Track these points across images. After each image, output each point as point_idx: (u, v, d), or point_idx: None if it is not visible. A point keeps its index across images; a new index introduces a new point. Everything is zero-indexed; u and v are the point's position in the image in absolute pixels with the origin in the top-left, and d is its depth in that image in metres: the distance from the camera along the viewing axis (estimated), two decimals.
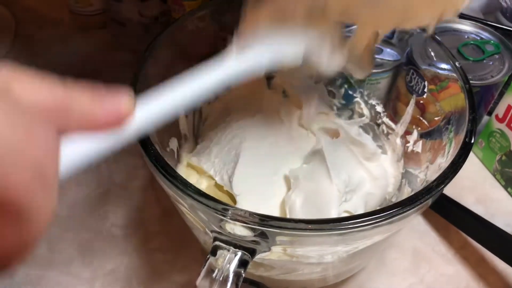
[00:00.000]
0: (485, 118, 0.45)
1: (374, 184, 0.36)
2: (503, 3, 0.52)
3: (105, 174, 0.44)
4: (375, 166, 0.37)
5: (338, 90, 0.42)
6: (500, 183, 0.44)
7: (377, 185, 0.36)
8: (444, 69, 0.32)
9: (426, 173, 0.31)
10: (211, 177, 0.36)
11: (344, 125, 0.39)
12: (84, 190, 0.42)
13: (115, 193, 0.42)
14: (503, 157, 0.42)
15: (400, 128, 0.38)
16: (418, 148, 0.35)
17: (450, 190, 0.39)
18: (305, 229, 0.22)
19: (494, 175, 0.44)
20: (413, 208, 0.23)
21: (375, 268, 0.38)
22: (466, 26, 0.44)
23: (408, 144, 0.36)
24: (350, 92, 0.41)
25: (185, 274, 0.37)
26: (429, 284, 0.37)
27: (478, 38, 0.43)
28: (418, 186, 0.32)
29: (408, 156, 0.36)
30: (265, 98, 0.41)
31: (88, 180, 0.43)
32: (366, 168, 0.36)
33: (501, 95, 0.42)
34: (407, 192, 0.34)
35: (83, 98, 0.17)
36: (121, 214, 0.41)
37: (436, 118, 0.33)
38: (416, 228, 0.40)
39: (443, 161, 0.28)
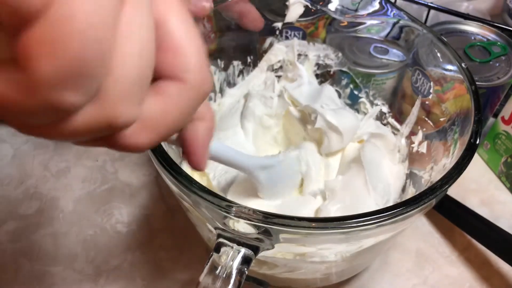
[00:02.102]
0: (491, 120, 0.45)
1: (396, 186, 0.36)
2: (510, 5, 0.52)
3: (110, 171, 0.44)
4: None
5: (344, 90, 0.42)
6: (505, 185, 0.43)
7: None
8: (450, 70, 0.32)
9: (430, 174, 0.31)
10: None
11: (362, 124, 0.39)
12: (89, 187, 0.43)
13: (119, 190, 0.43)
14: (509, 159, 0.42)
15: (405, 129, 0.38)
16: (423, 149, 0.35)
17: (455, 191, 0.39)
18: (309, 227, 0.22)
19: (499, 177, 0.44)
20: (417, 208, 0.23)
21: (379, 268, 0.38)
22: (472, 28, 0.44)
23: (413, 145, 0.36)
24: (356, 92, 0.41)
25: (188, 271, 0.37)
26: (433, 285, 0.37)
27: (485, 40, 0.43)
28: (423, 186, 0.32)
29: (413, 157, 0.36)
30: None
31: (93, 177, 0.43)
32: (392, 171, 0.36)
33: (507, 97, 0.42)
34: (411, 193, 0.34)
35: None
36: (125, 211, 0.41)
37: (441, 119, 0.33)
38: (420, 229, 0.40)
39: (448, 162, 0.28)
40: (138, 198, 0.42)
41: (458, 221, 0.39)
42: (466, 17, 0.44)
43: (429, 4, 0.45)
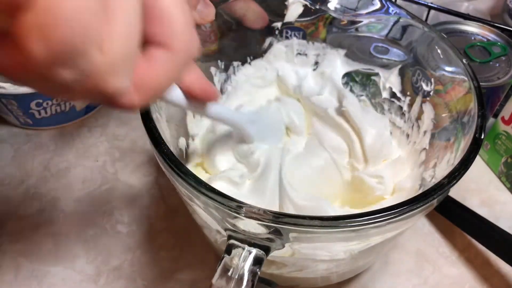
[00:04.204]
0: (491, 120, 0.45)
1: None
2: (510, 5, 0.52)
3: (110, 171, 0.44)
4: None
5: (345, 87, 0.42)
6: (505, 185, 0.43)
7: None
8: (451, 69, 0.32)
9: (434, 171, 0.31)
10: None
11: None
12: (89, 187, 0.43)
13: (120, 190, 0.42)
14: (509, 160, 0.42)
15: (405, 127, 0.38)
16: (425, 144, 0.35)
17: (455, 192, 0.39)
18: (320, 226, 0.22)
19: (500, 178, 0.44)
20: (427, 203, 0.23)
21: (379, 268, 0.38)
22: (473, 28, 0.44)
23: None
24: (355, 91, 0.41)
25: (189, 272, 0.37)
26: (433, 285, 0.37)
27: (485, 40, 0.43)
28: (427, 185, 0.32)
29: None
30: None
31: (93, 177, 0.43)
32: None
33: (507, 97, 0.42)
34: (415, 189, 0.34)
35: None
36: (125, 211, 0.41)
37: (443, 118, 0.33)
38: (420, 230, 0.40)
39: (452, 160, 0.28)
40: (138, 199, 0.42)
41: (458, 221, 0.39)
42: (466, 17, 0.44)
43: (429, 4, 0.45)
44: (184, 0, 0.17)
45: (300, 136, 0.38)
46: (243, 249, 0.23)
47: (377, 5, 0.37)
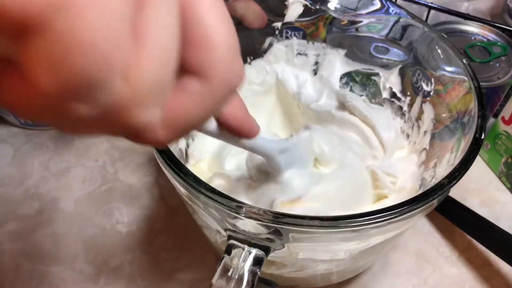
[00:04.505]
0: (491, 120, 0.45)
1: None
2: (510, 5, 0.52)
3: (110, 171, 0.44)
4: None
5: (343, 88, 0.42)
6: (505, 185, 0.43)
7: None
8: (451, 69, 0.32)
9: (434, 171, 0.31)
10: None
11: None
12: (89, 187, 0.43)
13: (120, 190, 0.42)
14: (509, 160, 0.42)
15: (406, 127, 0.38)
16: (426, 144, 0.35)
17: (455, 192, 0.39)
18: (320, 226, 0.22)
19: (500, 178, 0.44)
20: (427, 203, 0.23)
21: (379, 268, 0.38)
22: (473, 28, 0.44)
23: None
24: (355, 91, 0.41)
25: (189, 272, 0.37)
26: (433, 285, 0.37)
27: (485, 40, 0.43)
28: (427, 185, 0.32)
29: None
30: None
31: (93, 177, 0.43)
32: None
33: (507, 97, 0.42)
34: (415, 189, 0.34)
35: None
36: (126, 211, 0.41)
37: (443, 118, 0.33)
38: (420, 230, 0.40)
39: (452, 160, 0.28)
40: (139, 199, 0.42)
41: (458, 221, 0.39)
42: (466, 17, 0.44)
43: (429, 4, 0.45)
44: (227, 11, 0.14)
45: (328, 168, 0.35)
46: (243, 249, 0.23)
47: (377, 5, 0.37)
